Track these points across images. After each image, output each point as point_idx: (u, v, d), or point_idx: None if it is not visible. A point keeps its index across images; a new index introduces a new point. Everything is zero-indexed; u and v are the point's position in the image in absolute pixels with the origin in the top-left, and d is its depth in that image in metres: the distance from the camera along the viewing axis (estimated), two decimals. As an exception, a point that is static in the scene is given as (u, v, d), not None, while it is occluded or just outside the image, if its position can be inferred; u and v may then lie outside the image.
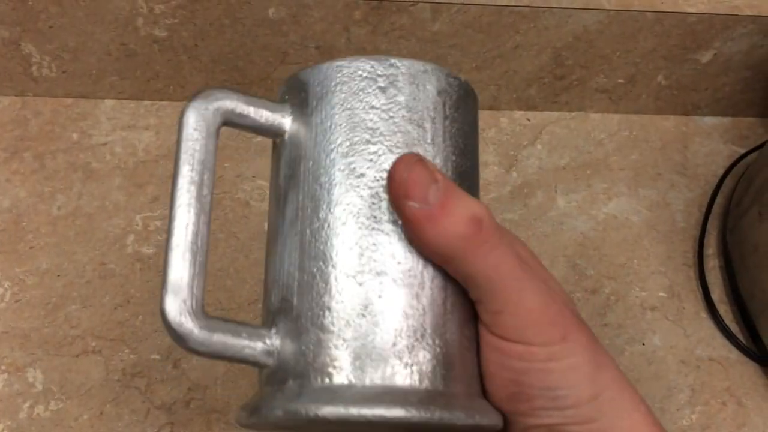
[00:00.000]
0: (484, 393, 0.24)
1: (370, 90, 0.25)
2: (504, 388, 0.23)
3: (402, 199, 0.22)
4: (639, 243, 0.53)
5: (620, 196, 0.55)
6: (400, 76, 0.25)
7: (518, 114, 0.58)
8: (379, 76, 0.25)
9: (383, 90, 0.25)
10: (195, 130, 0.24)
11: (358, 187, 0.24)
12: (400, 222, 0.23)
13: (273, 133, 0.25)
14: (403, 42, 0.52)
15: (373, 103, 0.24)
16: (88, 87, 0.55)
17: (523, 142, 0.57)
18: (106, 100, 0.55)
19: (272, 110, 0.25)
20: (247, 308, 0.47)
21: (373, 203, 0.24)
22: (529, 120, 0.58)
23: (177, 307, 0.22)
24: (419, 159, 0.23)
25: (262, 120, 0.25)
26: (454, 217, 0.22)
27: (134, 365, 0.45)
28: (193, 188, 0.23)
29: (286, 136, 0.25)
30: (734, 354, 0.48)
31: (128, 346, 0.45)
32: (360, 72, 0.25)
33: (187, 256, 0.23)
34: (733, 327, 0.49)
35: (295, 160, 0.25)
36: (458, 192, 0.23)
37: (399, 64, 0.25)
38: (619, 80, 0.57)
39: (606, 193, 0.55)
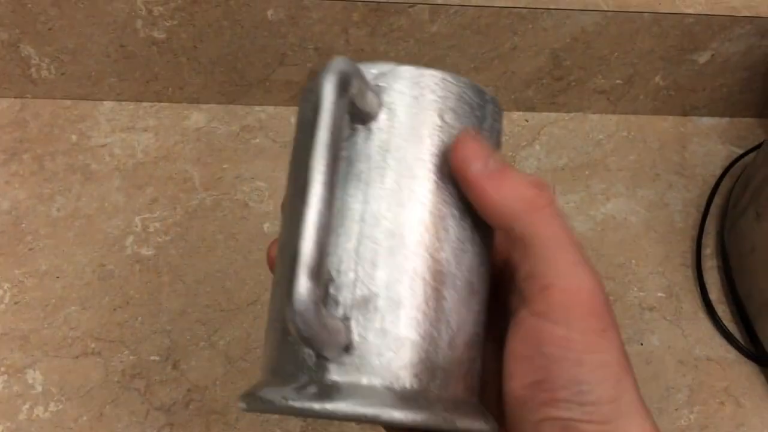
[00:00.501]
0: (507, 378, 0.25)
1: (469, 115, 0.25)
2: (530, 374, 0.23)
3: (465, 164, 0.23)
4: (637, 243, 0.53)
5: (618, 197, 0.55)
6: (488, 110, 0.26)
7: (517, 115, 0.58)
8: (477, 105, 0.26)
9: (478, 120, 0.26)
10: (338, 97, 0.22)
11: (450, 204, 0.24)
12: (475, 240, 0.24)
13: (363, 117, 0.25)
14: (401, 43, 0.53)
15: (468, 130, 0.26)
16: (87, 89, 0.55)
17: (522, 142, 0.57)
18: (105, 102, 0.55)
19: (375, 93, 0.25)
20: (246, 309, 0.47)
21: (462, 223, 0.24)
22: (527, 121, 0.58)
23: (310, 294, 0.21)
24: (476, 135, 0.24)
25: (366, 101, 0.24)
26: (516, 179, 0.23)
27: (133, 366, 0.45)
28: (332, 162, 0.22)
29: (375, 125, 0.25)
30: (732, 354, 0.49)
31: (127, 347, 0.45)
32: (464, 95, 0.25)
33: (328, 237, 0.21)
34: (731, 327, 0.49)
35: (383, 154, 0.24)
36: (514, 167, 0.24)
37: (488, 98, 0.26)
38: (617, 81, 0.57)
39: (604, 194, 0.55)
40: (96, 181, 0.52)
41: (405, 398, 0.23)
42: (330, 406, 0.22)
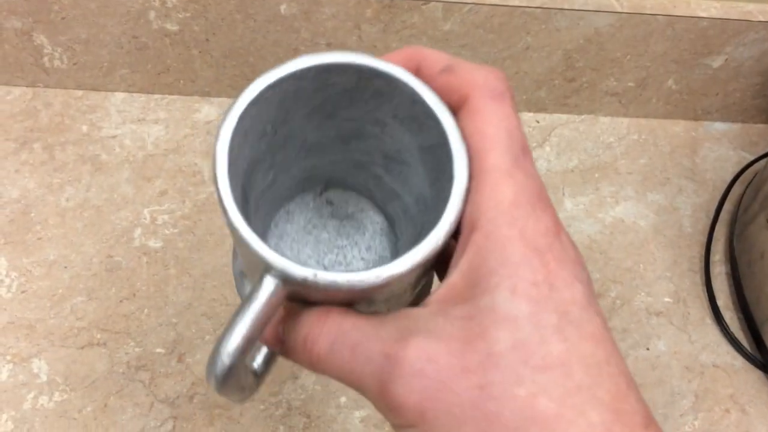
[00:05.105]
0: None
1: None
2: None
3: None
4: (645, 247, 0.52)
5: (628, 200, 0.55)
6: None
7: (528, 116, 0.58)
8: None
9: None
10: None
11: None
12: None
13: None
14: (414, 41, 0.52)
15: None
16: (98, 79, 0.55)
17: (532, 144, 0.57)
18: (116, 93, 0.56)
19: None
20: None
21: None
22: (538, 122, 0.58)
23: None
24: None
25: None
26: (293, 347, 0.23)
27: (139, 358, 0.45)
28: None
29: None
30: (739, 361, 0.48)
31: (133, 339, 0.45)
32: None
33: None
34: (738, 334, 0.49)
35: None
36: (292, 323, 0.23)
37: None
38: (630, 84, 0.57)
39: (614, 197, 0.55)
40: (105, 172, 0.52)
41: None
42: None
